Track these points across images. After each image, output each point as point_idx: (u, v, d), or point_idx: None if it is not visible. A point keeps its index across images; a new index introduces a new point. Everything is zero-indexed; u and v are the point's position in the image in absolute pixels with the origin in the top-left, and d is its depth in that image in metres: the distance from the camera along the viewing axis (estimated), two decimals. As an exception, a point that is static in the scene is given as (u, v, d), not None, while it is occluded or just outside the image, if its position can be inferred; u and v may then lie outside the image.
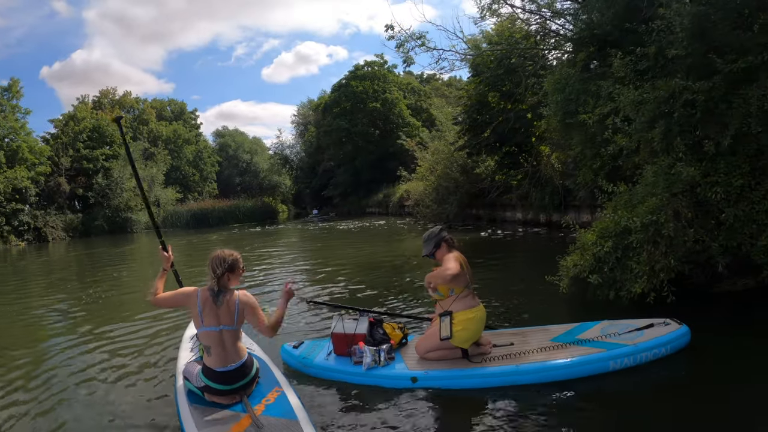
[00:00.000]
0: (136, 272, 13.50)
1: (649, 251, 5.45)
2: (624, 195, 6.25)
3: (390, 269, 11.06)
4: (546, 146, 17.28)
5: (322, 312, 6.83)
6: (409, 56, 16.79)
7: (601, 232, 6.03)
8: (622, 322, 4.74)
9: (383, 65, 46.09)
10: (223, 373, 3.65)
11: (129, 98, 48.20)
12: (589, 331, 4.68)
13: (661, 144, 5.96)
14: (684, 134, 5.93)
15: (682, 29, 5.87)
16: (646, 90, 6.23)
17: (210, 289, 3.71)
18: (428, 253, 4.70)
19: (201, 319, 3.66)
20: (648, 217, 5.48)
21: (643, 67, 6.71)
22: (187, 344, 5.02)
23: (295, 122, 59.01)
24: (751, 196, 5.62)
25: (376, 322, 4.99)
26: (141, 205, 37.87)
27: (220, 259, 3.75)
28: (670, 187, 5.63)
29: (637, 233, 5.56)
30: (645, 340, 4.33)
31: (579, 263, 5.99)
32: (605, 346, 4.31)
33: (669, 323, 4.56)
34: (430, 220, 23.04)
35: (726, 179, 5.65)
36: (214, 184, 56.03)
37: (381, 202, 38.75)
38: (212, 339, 3.67)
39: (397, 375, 4.38)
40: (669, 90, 6.00)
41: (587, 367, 4.17)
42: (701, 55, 5.93)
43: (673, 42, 6.17)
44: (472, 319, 4.40)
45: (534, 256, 12.44)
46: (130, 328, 6.93)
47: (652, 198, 5.68)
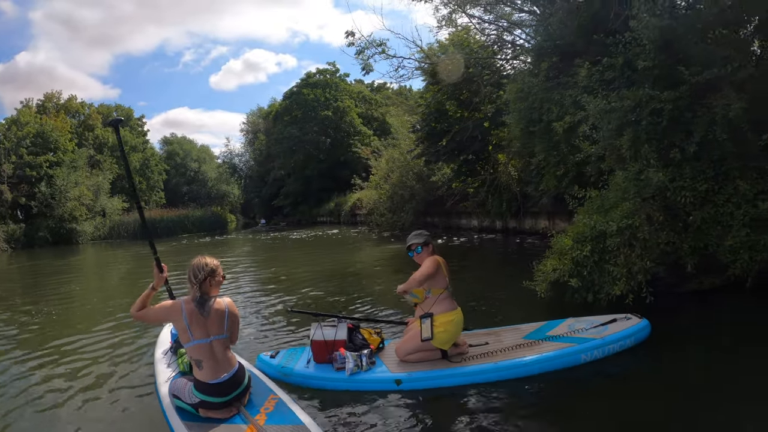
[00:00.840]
0: (85, 285, 12.87)
1: (626, 254, 5.69)
2: (596, 200, 6.48)
3: (352, 277, 11.02)
4: (503, 154, 17.74)
5: (293, 321, 6.75)
6: (368, 63, 16.99)
7: (577, 236, 6.21)
8: (586, 319, 5.08)
9: (335, 73, 46.15)
10: (218, 385, 3.53)
11: (74, 102, 45.94)
12: (558, 328, 4.98)
13: (629, 151, 6.23)
14: (651, 142, 6.21)
15: (649, 41, 6.16)
16: (614, 99, 6.50)
17: (194, 300, 3.58)
18: (416, 245, 4.80)
19: (189, 333, 3.51)
20: (624, 221, 5.71)
21: (610, 77, 6.99)
22: (162, 359, 4.85)
23: (245, 130, 58.20)
24: (715, 200, 5.96)
25: (355, 327, 5.02)
26: (86, 215, 36.40)
27: (201, 265, 3.64)
28: (640, 192, 5.90)
29: (613, 237, 5.78)
30: (611, 334, 4.66)
31: (558, 267, 6.16)
32: (575, 341, 4.61)
33: (630, 318, 4.92)
34: (385, 229, 23.11)
35: (692, 184, 5.97)
36: (161, 193, 54.28)
37: (332, 211, 38.68)
38: (203, 352, 3.54)
39: (382, 378, 4.41)
40: (636, 99, 6.28)
41: (561, 360, 4.44)
42: (667, 66, 6.25)
43: (640, 53, 6.47)
44: (452, 322, 4.53)
45: (495, 261, 12.74)
46: (88, 341, 6.49)
47: (625, 202, 5.92)
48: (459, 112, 17.27)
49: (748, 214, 5.75)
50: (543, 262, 6.58)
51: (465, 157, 17.29)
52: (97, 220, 37.69)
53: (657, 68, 6.30)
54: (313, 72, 46.21)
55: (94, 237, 36.36)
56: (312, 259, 15.61)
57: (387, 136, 31.36)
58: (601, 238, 5.92)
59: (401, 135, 24.09)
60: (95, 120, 46.07)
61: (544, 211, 15.30)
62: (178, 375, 4.28)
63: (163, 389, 4.11)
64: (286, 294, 8.89)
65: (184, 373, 4.31)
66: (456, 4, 15.41)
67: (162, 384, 4.24)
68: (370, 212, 25.59)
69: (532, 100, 9.10)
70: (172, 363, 4.68)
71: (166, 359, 4.82)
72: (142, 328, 6.78)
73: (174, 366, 4.59)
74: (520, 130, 9.65)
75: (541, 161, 9.37)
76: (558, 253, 6.34)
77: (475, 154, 17.26)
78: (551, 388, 4.19)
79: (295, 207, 45.55)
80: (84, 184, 36.68)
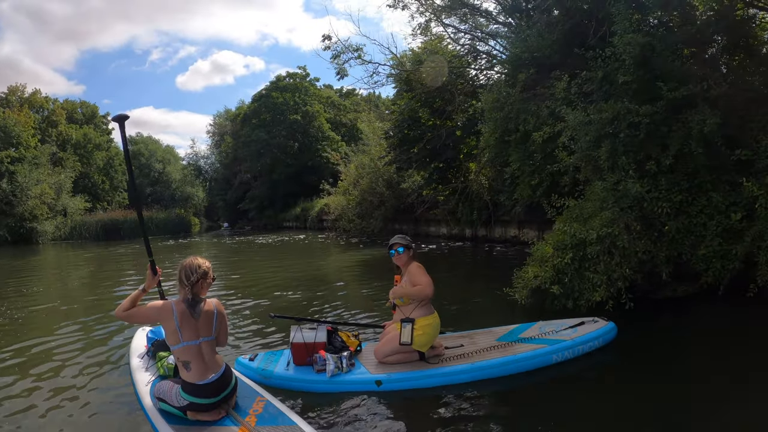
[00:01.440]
0: (48, 285, 12.44)
1: (606, 262, 5.88)
2: (574, 209, 6.65)
3: (322, 282, 10.89)
4: (474, 163, 17.97)
5: (269, 325, 6.73)
6: (343, 68, 17.03)
7: (558, 244, 6.36)
8: (556, 322, 5.36)
9: (305, 77, 45.93)
10: (207, 386, 3.49)
11: (39, 97, 44.21)
12: (529, 330, 5.22)
13: (607, 162, 6.43)
14: (628, 153, 6.44)
15: (629, 57, 6.39)
16: (592, 111, 6.71)
17: (185, 301, 3.53)
18: (399, 245, 4.89)
19: (180, 335, 3.47)
20: (603, 230, 5.90)
21: (588, 89, 7.20)
22: (140, 365, 4.73)
23: (211, 132, 57.17)
24: (689, 210, 6.23)
25: (333, 330, 5.07)
26: (47, 215, 34.97)
27: (194, 266, 3.59)
28: (618, 201, 6.10)
29: (593, 245, 5.97)
30: (580, 335, 4.93)
31: (540, 274, 6.27)
32: (547, 342, 4.86)
33: (597, 321, 5.22)
34: (354, 235, 23.12)
35: (667, 195, 6.22)
36: (124, 194, 52.85)
37: (299, 216, 38.34)
38: (192, 353, 3.50)
39: (362, 380, 4.47)
40: (614, 112, 6.50)
41: (534, 360, 4.67)
42: (645, 82, 6.50)
43: (619, 68, 6.71)
44: (431, 325, 4.67)
45: (466, 268, 12.83)
46: (54, 344, 6.24)
47: (604, 212, 6.10)
48: (432, 120, 17.42)
49: (721, 225, 6.04)
50: (523, 269, 6.71)
51: (436, 164, 17.44)
52: (58, 219, 36.31)
53: (635, 83, 6.55)
54: (283, 75, 45.83)
55: (55, 237, 35.00)
56: (281, 264, 15.40)
57: (356, 142, 31.37)
58: (581, 246, 6.09)
59: (372, 141, 24.12)
60: (59, 116, 44.60)
61: (515, 220, 15.55)
62: (158, 379, 4.21)
63: (145, 393, 4.04)
64: (258, 299, 8.77)
65: (164, 377, 4.25)
66: (432, 12, 15.68)
67: (143, 388, 4.16)
68: (339, 218, 25.55)
69: (508, 110, 9.25)
70: (150, 367, 4.60)
71: (143, 364, 4.72)
72: (109, 331, 6.62)
73: (153, 370, 4.51)
74: (495, 140, 9.77)
75: (515, 170, 9.50)
76: (539, 261, 6.48)
77: (446, 162, 17.43)
78: (525, 387, 4.42)
79: (261, 211, 44.96)
80: (46, 182, 35.32)
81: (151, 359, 4.72)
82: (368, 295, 8.73)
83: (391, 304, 4.99)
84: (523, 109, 8.95)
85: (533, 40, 9.08)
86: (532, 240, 14.81)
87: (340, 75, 17.16)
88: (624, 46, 6.41)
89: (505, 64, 10.30)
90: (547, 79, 9.16)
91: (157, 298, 4.26)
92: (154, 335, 5.00)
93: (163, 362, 4.42)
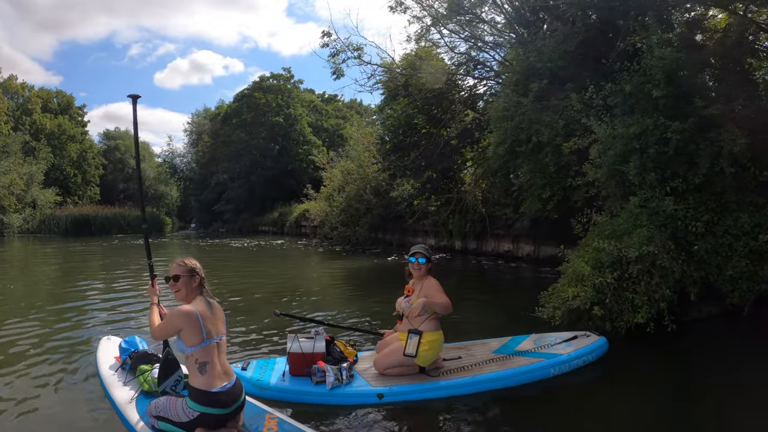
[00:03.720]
0: (8, 280, 12.06)
1: (646, 282, 5.79)
2: (605, 225, 6.57)
3: (308, 291, 10.49)
4: (467, 174, 17.95)
5: (252, 331, 6.61)
6: (340, 68, 16.89)
7: (594, 262, 6.20)
8: (549, 335, 5.52)
9: (289, 80, 45.68)
10: (220, 394, 3.27)
11: (14, 83, 43.14)
12: (524, 344, 5.35)
13: (636, 178, 6.41)
14: (656, 170, 6.43)
15: (661, 71, 6.41)
16: (619, 125, 6.70)
17: (200, 297, 3.44)
18: (422, 255, 4.85)
19: (204, 334, 3.28)
20: (644, 248, 5.79)
21: (613, 102, 7.20)
22: (114, 379, 4.41)
23: (188, 131, 56.39)
24: (714, 231, 6.23)
25: (331, 339, 4.96)
26: (15, 206, 33.98)
27: (197, 266, 3.51)
28: (651, 219, 6.06)
29: (634, 264, 5.85)
30: (575, 349, 5.07)
31: (579, 294, 6.03)
32: (544, 356, 4.97)
33: (589, 335, 5.39)
34: (337, 243, 22.84)
35: (694, 214, 6.22)
36: (96, 189, 51.69)
37: (276, 221, 37.93)
38: (212, 352, 3.31)
39: (363, 392, 4.42)
40: (642, 127, 6.50)
41: (534, 374, 4.76)
42: (674, 98, 6.53)
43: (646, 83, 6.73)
44: (437, 341, 4.70)
45: (455, 281, 12.54)
46: (13, 349, 5.92)
47: (640, 229, 6.03)
48: (427, 128, 17.37)
49: (748, 246, 6.05)
50: (553, 287, 6.57)
51: (431, 173, 17.37)
52: (27, 212, 35.52)
53: (664, 98, 6.56)
54: (266, 76, 45.46)
55: (23, 230, 34.21)
56: (259, 270, 14.99)
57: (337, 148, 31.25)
58: (618, 264, 5.97)
59: (360, 146, 23.94)
60: (34, 104, 43.62)
61: (510, 234, 15.58)
62: (143, 396, 3.99)
63: (131, 412, 3.78)
64: (244, 304, 8.56)
65: (149, 392, 4.02)
66: (433, 18, 15.68)
67: (127, 407, 3.88)
68: (321, 224, 25.26)
69: (519, 120, 9.19)
70: (129, 382, 4.28)
71: (120, 378, 4.41)
72: (69, 335, 6.35)
73: (133, 385, 4.22)
74: (503, 150, 9.70)
75: (525, 182, 9.44)
76: (575, 279, 6.28)
77: (441, 172, 17.36)
78: (525, 400, 4.52)
79: (237, 214, 44.33)
80: (16, 171, 34.33)
81: (129, 373, 4.40)
82: (360, 306, 8.53)
83: (398, 313, 4.91)
84: (536, 120, 8.90)
85: (550, 49, 9.08)
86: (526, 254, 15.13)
87: (336, 75, 16.99)
88: (657, 60, 6.42)
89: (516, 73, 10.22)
90: (561, 90, 9.18)
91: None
92: (129, 346, 4.74)
93: (146, 376, 4.15)
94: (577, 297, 5.95)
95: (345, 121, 46.53)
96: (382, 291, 9.65)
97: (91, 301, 9.15)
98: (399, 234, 22.21)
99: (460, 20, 15.23)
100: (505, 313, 7.62)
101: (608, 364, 5.21)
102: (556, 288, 6.54)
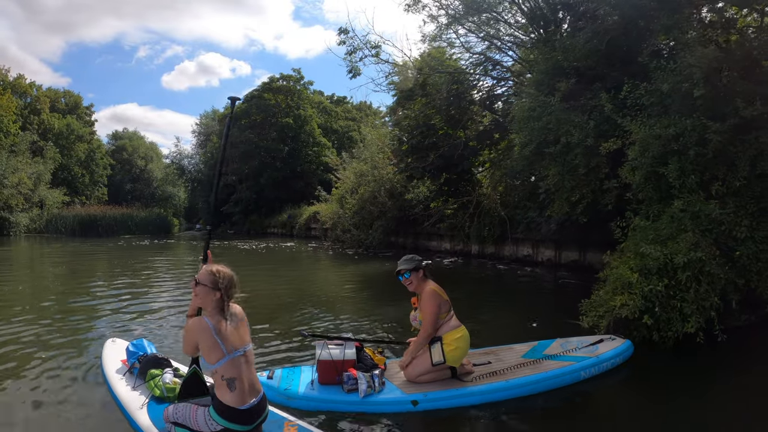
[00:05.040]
0: (13, 281, 12.20)
1: (695, 289, 5.65)
2: (647, 230, 6.42)
3: (326, 298, 10.34)
4: (484, 176, 17.87)
5: (272, 338, 6.55)
6: (356, 66, 16.89)
7: (641, 268, 6.01)
8: (574, 339, 5.61)
9: (299, 80, 45.80)
10: (246, 411, 3.19)
11: (23, 82, 43.59)
12: (551, 348, 5.42)
13: (677, 181, 6.33)
14: (695, 173, 6.35)
15: (700, 71, 6.33)
16: (656, 126, 6.62)
17: (217, 310, 3.29)
18: (404, 270, 4.82)
19: (222, 348, 3.17)
20: (692, 254, 5.66)
21: (649, 102, 7.13)
22: (122, 383, 4.36)
23: (196, 132, 56.80)
24: (754, 236, 6.13)
25: (361, 347, 4.93)
26: (23, 206, 34.14)
27: (223, 273, 3.36)
28: (694, 223, 5.95)
29: (683, 270, 5.70)
30: (603, 353, 5.17)
31: (628, 303, 5.80)
32: (573, 360, 5.04)
33: (614, 338, 5.53)
34: (349, 246, 22.77)
35: (735, 219, 6.12)
36: (104, 189, 52.07)
37: (285, 223, 37.99)
38: (238, 367, 3.20)
39: (397, 400, 4.39)
40: (680, 128, 6.42)
41: (566, 378, 4.82)
42: (712, 99, 6.44)
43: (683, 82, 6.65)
44: (462, 338, 4.67)
45: (474, 285, 12.46)
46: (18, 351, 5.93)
47: (685, 234, 5.92)
48: (443, 129, 17.32)
49: (789, 252, 5.95)
50: (598, 295, 6.40)
51: (448, 176, 17.29)
52: (34, 211, 35.74)
53: (701, 98, 6.48)
54: (276, 77, 45.50)
55: (30, 230, 34.48)
56: (271, 274, 14.65)
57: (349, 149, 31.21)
58: (664, 271, 5.84)
59: (374, 147, 23.84)
60: (43, 104, 44.03)
61: (529, 238, 15.49)
62: (154, 401, 3.96)
63: (143, 418, 3.75)
64: (259, 310, 8.32)
65: (161, 398, 3.98)
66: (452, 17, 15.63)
67: (138, 413, 3.84)
68: (333, 227, 25.18)
69: (547, 120, 9.10)
70: (138, 386, 4.25)
71: (128, 382, 4.37)
72: (73, 337, 6.32)
73: (143, 390, 4.18)
74: (530, 151, 9.60)
75: (553, 185, 9.33)
76: (620, 287, 6.08)
77: (459, 174, 17.28)
78: (556, 404, 4.58)
79: (246, 216, 44.44)
80: (24, 171, 34.63)
81: (138, 378, 4.36)
82: (380, 312, 8.43)
83: (415, 329, 4.96)
84: (564, 120, 8.82)
85: (580, 48, 9.00)
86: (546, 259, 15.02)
87: (352, 73, 16.99)
88: (697, 58, 6.35)
89: (539, 72, 10.15)
90: (588, 89, 9.11)
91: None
92: (137, 349, 4.69)
93: (156, 381, 4.14)
94: (625, 305, 5.77)
95: (355, 123, 46.70)
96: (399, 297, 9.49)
97: (95, 302, 9.10)
98: (413, 237, 22.18)
99: (476, 21, 15.22)
100: (526, 319, 7.45)
101: (634, 368, 5.31)
102: (599, 295, 6.38)
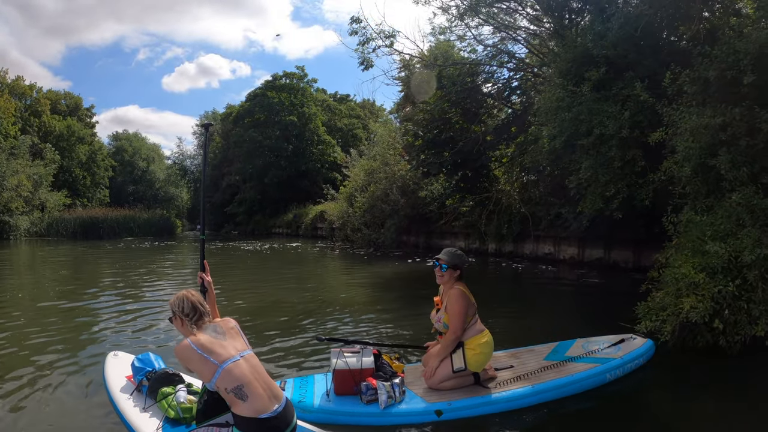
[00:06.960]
0: (13, 284, 12.19)
1: (762, 288, 5.35)
2: (705, 225, 6.10)
3: (337, 301, 9.95)
4: (501, 172, 17.65)
5: (278, 346, 6.32)
6: (368, 58, 16.69)
7: (707, 267, 5.67)
8: (596, 339, 5.47)
9: (303, 78, 45.83)
10: (271, 420, 2.98)
11: (22, 84, 43.72)
12: (572, 349, 5.28)
13: (730, 173, 6.11)
14: (746, 164, 6.13)
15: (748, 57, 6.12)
16: (706, 115, 6.41)
17: (195, 329, 3.16)
18: (443, 261, 4.64)
19: (212, 360, 3.01)
20: (757, 251, 5.35)
21: (692, 90, 6.93)
22: (129, 402, 4.08)
23: (197, 132, 57.10)
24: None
25: (378, 354, 4.71)
26: (23, 209, 34.10)
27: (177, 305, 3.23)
28: (753, 217, 5.71)
29: (749, 269, 5.42)
30: (626, 353, 5.04)
31: (696, 306, 5.39)
32: (598, 361, 4.91)
33: (635, 338, 5.39)
34: (359, 246, 22.57)
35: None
36: (105, 191, 52.22)
37: (290, 223, 38.02)
38: (239, 373, 3.01)
39: (419, 410, 4.21)
40: (729, 117, 6.22)
41: (592, 380, 4.70)
42: (761, 86, 6.23)
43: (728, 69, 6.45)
44: (486, 343, 4.55)
45: (492, 285, 12.18)
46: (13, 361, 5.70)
47: (746, 229, 5.65)
48: (459, 123, 17.13)
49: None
50: (656, 297, 6.06)
51: (465, 172, 17.09)
52: (35, 214, 35.79)
53: (750, 86, 6.27)
54: (280, 74, 45.70)
55: (30, 233, 34.51)
56: (279, 277, 14.33)
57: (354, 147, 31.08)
58: (728, 270, 5.55)
59: (386, 144, 23.66)
60: (44, 106, 44.15)
61: (550, 235, 15.30)
62: (170, 425, 3.70)
63: None
64: (265, 316, 8.17)
65: (177, 420, 3.72)
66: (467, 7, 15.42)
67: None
68: (342, 226, 24.99)
69: (578, 111, 8.88)
70: (149, 407, 3.95)
71: (136, 402, 4.06)
72: (75, 352, 6.02)
73: (154, 411, 3.90)
74: (560, 143, 9.37)
75: (586, 179, 9.08)
76: (685, 288, 5.70)
77: (476, 170, 17.08)
78: (584, 408, 4.48)
79: (250, 216, 44.54)
80: (24, 173, 34.72)
81: (148, 397, 4.06)
82: (394, 316, 8.25)
83: (435, 330, 4.79)
84: (596, 110, 8.61)
85: (613, 34, 8.78)
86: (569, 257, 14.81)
87: (364, 65, 16.77)
88: (747, 43, 6.14)
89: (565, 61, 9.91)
90: (620, 78, 8.89)
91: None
92: (144, 364, 4.34)
93: (169, 401, 3.85)
94: (694, 308, 5.38)
95: (359, 120, 46.71)
96: (414, 298, 9.36)
97: (95, 309, 8.84)
98: (425, 236, 21.96)
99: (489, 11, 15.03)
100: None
101: (658, 368, 5.28)
102: (658, 298, 6.02)
